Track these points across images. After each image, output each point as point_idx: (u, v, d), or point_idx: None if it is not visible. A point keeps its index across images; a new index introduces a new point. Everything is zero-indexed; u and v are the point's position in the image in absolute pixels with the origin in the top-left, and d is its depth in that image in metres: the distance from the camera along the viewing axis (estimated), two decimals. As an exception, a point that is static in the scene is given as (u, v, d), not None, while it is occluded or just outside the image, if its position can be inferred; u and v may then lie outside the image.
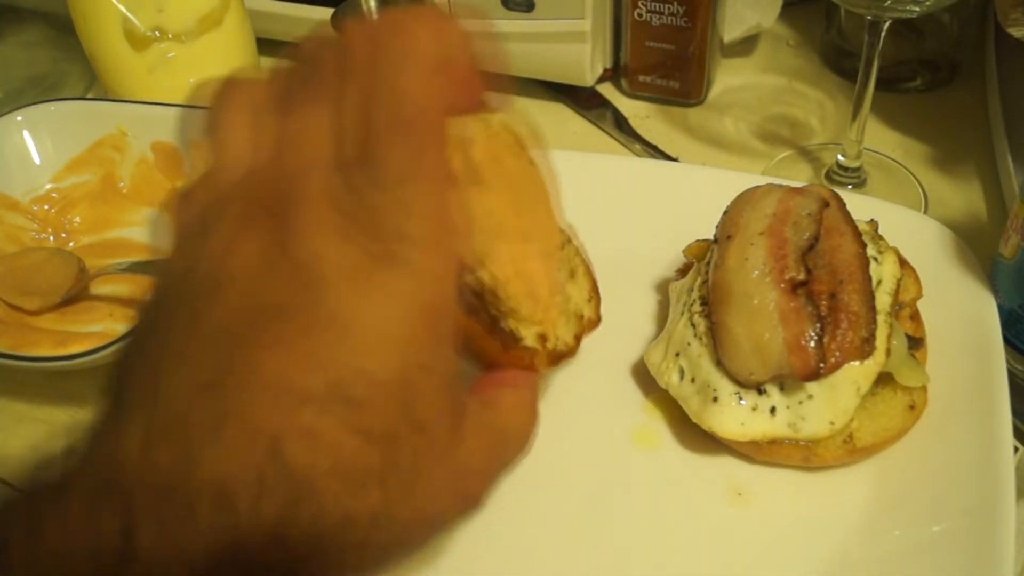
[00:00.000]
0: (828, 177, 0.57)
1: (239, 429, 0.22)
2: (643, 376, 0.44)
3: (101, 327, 0.46)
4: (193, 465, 0.21)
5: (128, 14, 0.57)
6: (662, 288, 0.48)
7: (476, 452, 0.26)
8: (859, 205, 0.43)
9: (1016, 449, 0.41)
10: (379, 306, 0.23)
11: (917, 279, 0.44)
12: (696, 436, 0.41)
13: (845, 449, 0.39)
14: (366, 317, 0.23)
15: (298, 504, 0.21)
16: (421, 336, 0.24)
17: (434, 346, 0.24)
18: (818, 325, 0.38)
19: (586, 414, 0.43)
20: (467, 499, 0.26)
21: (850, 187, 0.56)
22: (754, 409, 0.39)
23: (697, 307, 0.42)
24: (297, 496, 0.21)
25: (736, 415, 0.39)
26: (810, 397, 0.39)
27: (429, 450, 0.24)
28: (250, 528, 0.21)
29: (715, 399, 0.40)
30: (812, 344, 0.38)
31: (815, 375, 0.38)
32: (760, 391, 0.39)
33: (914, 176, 0.57)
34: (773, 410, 0.39)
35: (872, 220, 0.44)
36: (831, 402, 0.39)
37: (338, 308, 0.23)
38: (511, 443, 0.29)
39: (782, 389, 0.39)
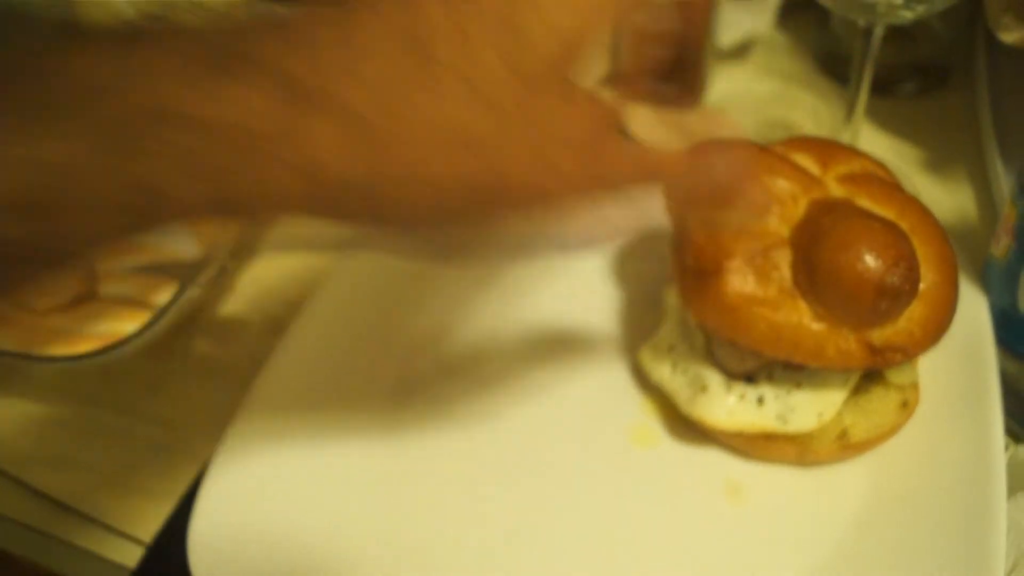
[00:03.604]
0: (823, 180, 0.58)
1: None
2: (639, 376, 0.44)
3: (109, 327, 0.47)
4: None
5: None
6: (658, 289, 0.48)
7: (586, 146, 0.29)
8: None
9: (1007, 447, 0.41)
10: None
11: None
12: (693, 435, 0.42)
13: (839, 446, 0.40)
14: None
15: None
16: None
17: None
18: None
19: (583, 413, 0.44)
20: (552, 167, 0.28)
21: (844, 190, 0.57)
22: (741, 398, 0.40)
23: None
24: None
25: (723, 404, 0.40)
26: (798, 386, 0.39)
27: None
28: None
29: (703, 388, 0.40)
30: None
31: None
32: (748, 380, 0.40)
33: (907, 178, 0.58)
34: (761, 399, 0.40)
35: None
36: (819, 393, 0.39)
37: None
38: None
39: (771, 378, 0.40)
